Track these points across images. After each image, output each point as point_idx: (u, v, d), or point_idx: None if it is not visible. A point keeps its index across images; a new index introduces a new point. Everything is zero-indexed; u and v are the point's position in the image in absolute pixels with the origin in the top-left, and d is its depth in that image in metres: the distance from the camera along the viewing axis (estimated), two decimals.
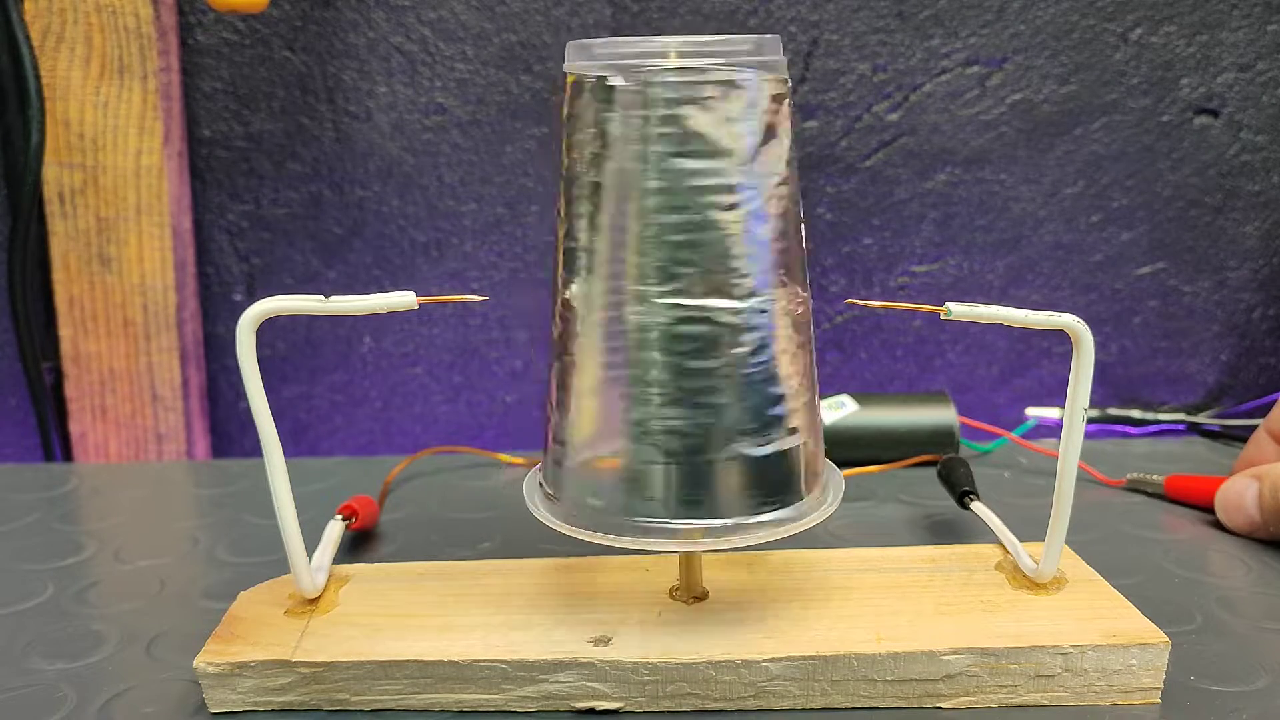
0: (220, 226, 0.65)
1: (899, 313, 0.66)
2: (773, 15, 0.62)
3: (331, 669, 0.34)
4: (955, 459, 0.49)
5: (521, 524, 0.35)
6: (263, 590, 0.38)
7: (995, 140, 0.63)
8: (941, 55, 0.62)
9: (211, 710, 0.34)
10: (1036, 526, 0.38)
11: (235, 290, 0.66)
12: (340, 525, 0.43)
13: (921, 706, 0.34)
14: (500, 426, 0.68)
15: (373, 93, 0.63)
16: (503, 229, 0.65)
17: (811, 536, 0.46)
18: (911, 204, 0.64)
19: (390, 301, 0.33)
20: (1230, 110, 0.63)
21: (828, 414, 0.56)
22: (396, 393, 0.68)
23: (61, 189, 0.60)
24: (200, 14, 0.61)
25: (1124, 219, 0.65)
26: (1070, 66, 0.62)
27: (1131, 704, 0.34)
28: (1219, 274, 0.66)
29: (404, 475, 0.56)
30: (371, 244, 0.65)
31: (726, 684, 0.33)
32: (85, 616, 0.41)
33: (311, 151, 0.63)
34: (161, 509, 0.53)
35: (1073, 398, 0.35)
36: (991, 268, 0.66)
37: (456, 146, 0.63)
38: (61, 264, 0.61)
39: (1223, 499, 0.47)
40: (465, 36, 0.62)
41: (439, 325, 0.67)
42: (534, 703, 0.34)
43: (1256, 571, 0.43)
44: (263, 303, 0.33)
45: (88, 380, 0.63)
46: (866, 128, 0.63)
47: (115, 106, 0.59)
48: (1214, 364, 0.68)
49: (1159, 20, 0.62)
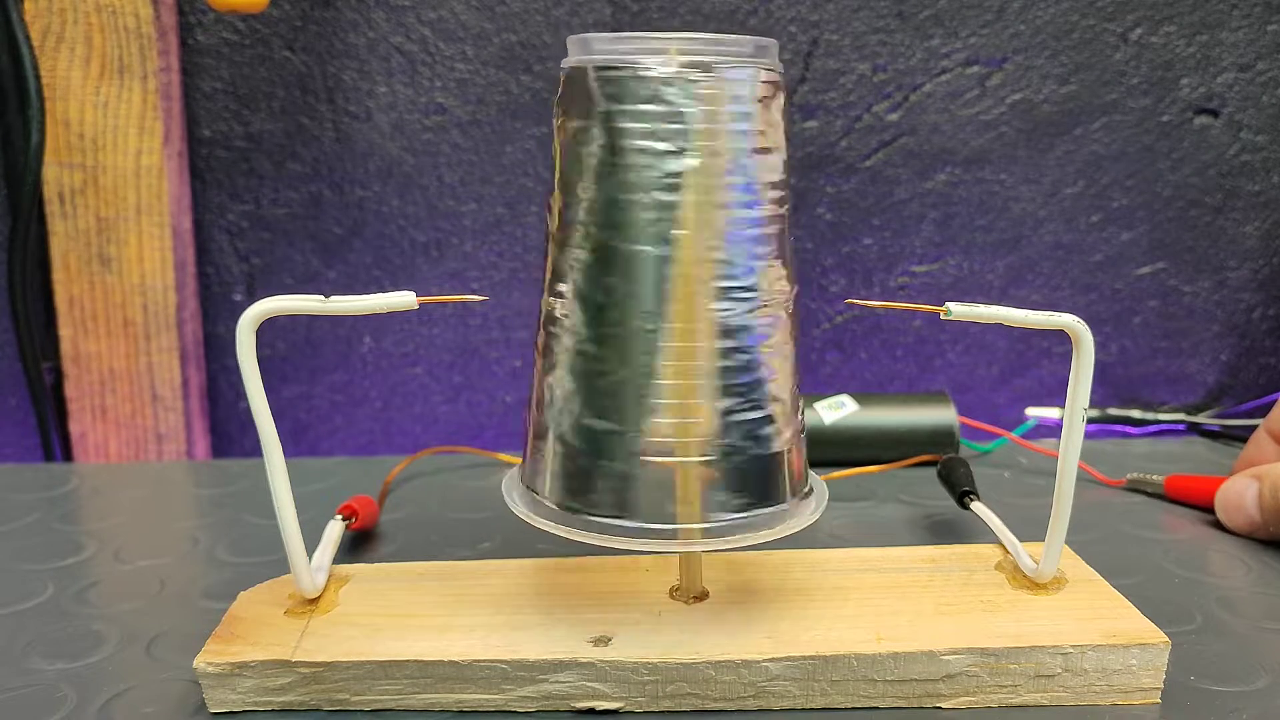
0: (220, 226, 0.65)
1: (899, 313, 0.66)
2: (773, 15, 0.62)
3: (331, 669, 0.34)
4: (955, 459, 0.49)
5: (521, 524, 0.34)
6: (263, 590, 0.38)
7: (995, 140, 0.63)
8: (941, 55, 0.62)
9: (211, 710, 0.34)
10: (1036, 526, 0.38)
11: (235, 290, 0.66)
12: (340, 525, 0.43)
13: (921, 706, 0.34)
14: (500, 426, 0.68)
15: (373, 93, 0.63)
16: (503, 229, 0.65)
17: (811, 536, 0.47)
18: (911, 204, 0.64)
19: (390, 301, 0.33)
20: (1230, 110, 0.63)
21: (828, 414, 0.56)
22: (396, 393, 0.68)
23: (61, 189, 0.60)
24: (200, 14, 0.61)
25: (1124, 219, 0.65)
26: (1070, 66, 0.62)
27: (1131, 704, 0.34)
28: (1219, 274, 0.66)
29: (404, 475, 0.56)
30: (371, 244, 0.65)
31: (726, 684, 0.33)
32: (85, 616, 0.41)
33: (311, 151, 0.63)
34: (161, 509, 0.53)
35: (1073, 398, 0.35)
36: (991, 268, 0.66)
37: (456, 146, 0.63)
38: (61, 264, 0.61)
39: (1223, 499, 0.47)
40: (465, 36, 0.62)
41: (439, 325, 0.67)
42: (534, 703, 0.34)
43: (1256, 571, 0.43)
44: (263, 303, 0.33)
45: (88, 380, 0.63)
46: (866, 128, 0.63)
47: (115, 106, 0.59)
48: (1214, 364, 0.68)
49: (1159, 20, 0.62)
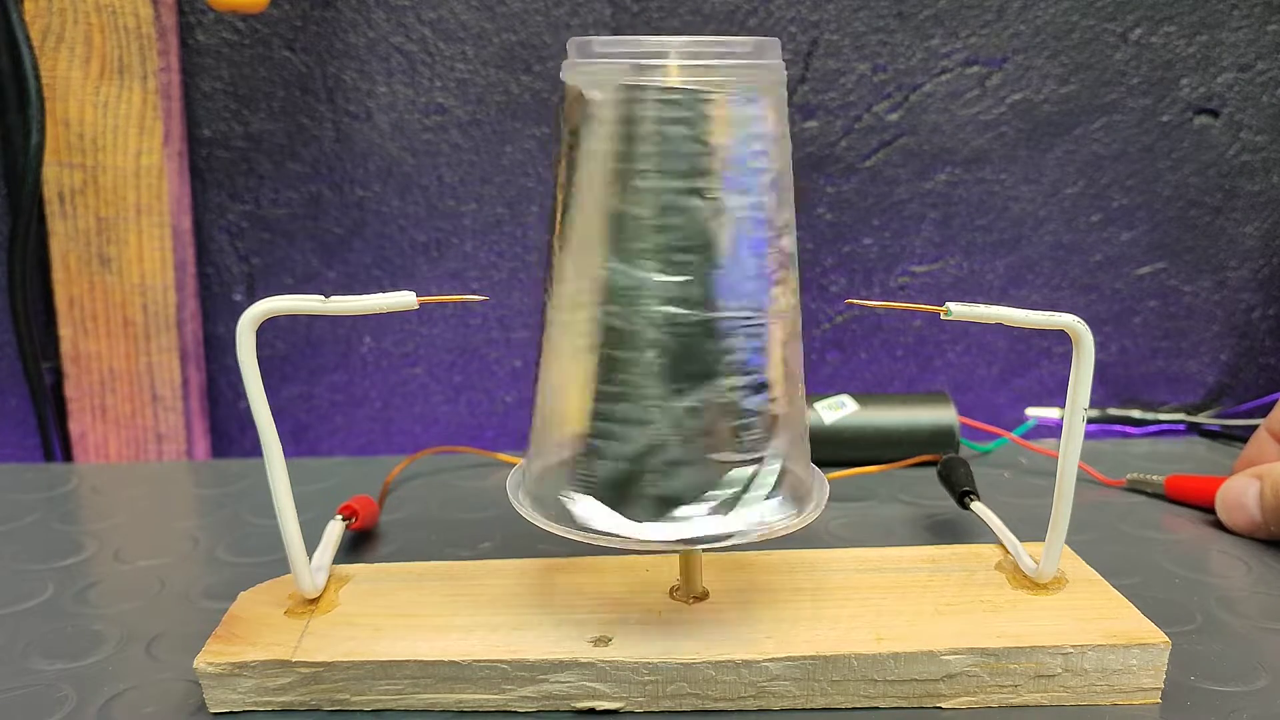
0: (220, 226, 0.65)
1: (899, 313, 0.66)
2: (773, 15, 0.62)
3: (331, 669, 0.34)
4: (955, 459, 0.49)
5: (521, 524, 0.34)
6: (263, 590, 0.38)
7: (995, 140, 0.63)
8: (941, 55, 0.62)
9: (211, 710, 0.34)
10: (1036, 526, 0.38)
11: (235, 290, 0.66)
12: (340, 525, 0.43)
13: (922, 706, 0.34)
14: (500, 426, 0.68)
15: (373, 93, 0.63)
16: (503, 229, 0.65)
17: (811, 536, 0.47)
18: (911, 204, 0.64)
19: (390, 301, 0.33)
20: (1230, 110, 0.63)
21: (828, 414, 0.56)
22: (396, 393, 0.68)
23: (61, 189, 0.60)
24: (200, 14, 0.61)
25: (1124, 219, 0.65)
26: (1070, 66, 0.62)
27: (1132, 704, 0.34)
28: (1219, 274, 0.66)
29: (404, 475, 0.56)
30: (371, 244, 0.65)
31: (726, 684, 0.33)
32: (85, 616, 0.41)
33: (311, 151, 0.63)
34: (161, 509, 0.53)
35: (1073, 398, 0.35)
36: (991, 268, 0.66)
37: (456, 146, 0.63)
38: (61, 264, 0.61)
39: (1224, 498, 0.47)
40: (465, 36, 0.62)
41: (439, 325, 0.67)
42: (534, 703, 0.34)
43: (1257, 571, 0.43)
44: (263, 303, 0.33)
45: (88, 380, 0.62)
46: (866, 128, 0.63)
47: (115, 106, 0.59)
48: (1214, 364, 0.68)
49: (1159, 20, 0.62)
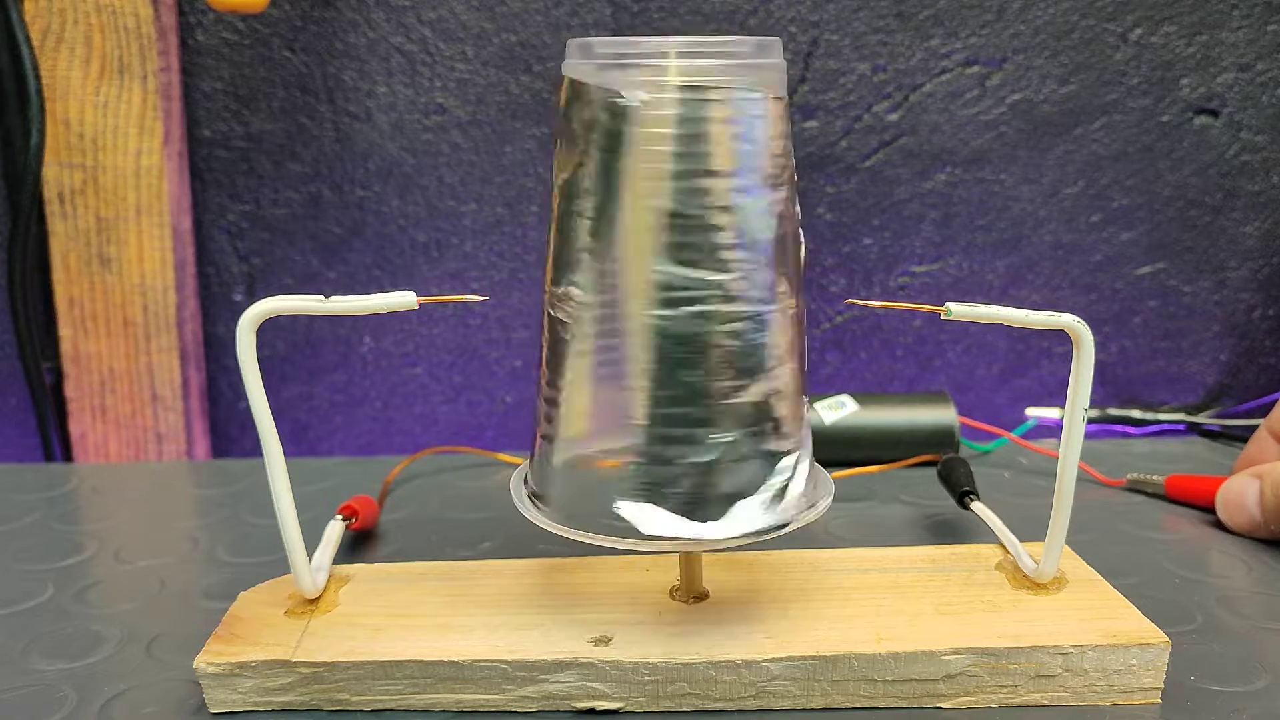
0: (220, 226, 0.65)
1: (899, 313, 0.66)
2: (773, 15, 0.62)
3: (331, 669, 0.34)
4: (955, 459, 0.49)
5: (521, 524, 0.34)
6: (263, 590, 0.38)
7: (995, 140, 0.63)
8: (941, 55, 0.62)
9: (211, 710, 0.34)
10: (1036, 526, 0.38)
11: (235, 290, 0.66)
12: (340, 525, 0.43)
13: (922, 706, 0.34)
14: (500, 426, 0.68)
15: (373, 93, 0.63)
16: (503, 229, 0.65)
17: (811, 536, 0.47)
18: (911, 204, 0.64)
19: (390, 302, 0.33)
20: (1230, 110, 0.63)
21: (828, 414, 0.56)
22: (396, 393, 0.68)
23: (61, 189, 0.60)
24: (200, 14, 0.61)
25: (1124, 219, 0.65)
26: (1070, 66, 0.62)
27: (1132, 704, 0.34)
28: (1219, 274, 0.66)
29: (404, 475, 0.56)
30: (371, 244, 0.65)
31: (726, 684, 0.33)
32: (85, 616, 0.41)
33: (311, 151, 0.63)
34: (161, 509, 0.53)
35: (1073, 398, 0.35)
36: (991, 268, 0.66)
37: (456, 146, 0.63)
38: (61, 264, 0.61)
39: (1224, 498, 0.47)
40: (465, 36, 0.62)
41: (439, 325, 0.67)
42: (534, 703, 0.34)
43: (1257, 571, 0.43)
44: (263, 303, 0.33)
45: (88, 380, 0.63)
46: (866, 128, 0.63)
47: (115, 106, 0.59)
48: (1214, 364, 0.68)
49: (1159, 20, 0.62)
